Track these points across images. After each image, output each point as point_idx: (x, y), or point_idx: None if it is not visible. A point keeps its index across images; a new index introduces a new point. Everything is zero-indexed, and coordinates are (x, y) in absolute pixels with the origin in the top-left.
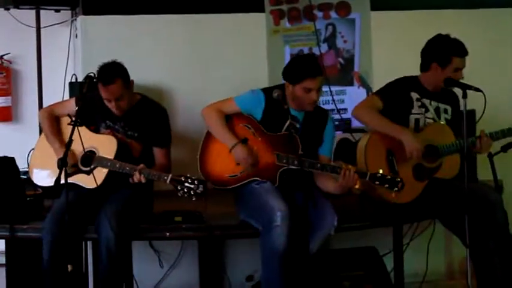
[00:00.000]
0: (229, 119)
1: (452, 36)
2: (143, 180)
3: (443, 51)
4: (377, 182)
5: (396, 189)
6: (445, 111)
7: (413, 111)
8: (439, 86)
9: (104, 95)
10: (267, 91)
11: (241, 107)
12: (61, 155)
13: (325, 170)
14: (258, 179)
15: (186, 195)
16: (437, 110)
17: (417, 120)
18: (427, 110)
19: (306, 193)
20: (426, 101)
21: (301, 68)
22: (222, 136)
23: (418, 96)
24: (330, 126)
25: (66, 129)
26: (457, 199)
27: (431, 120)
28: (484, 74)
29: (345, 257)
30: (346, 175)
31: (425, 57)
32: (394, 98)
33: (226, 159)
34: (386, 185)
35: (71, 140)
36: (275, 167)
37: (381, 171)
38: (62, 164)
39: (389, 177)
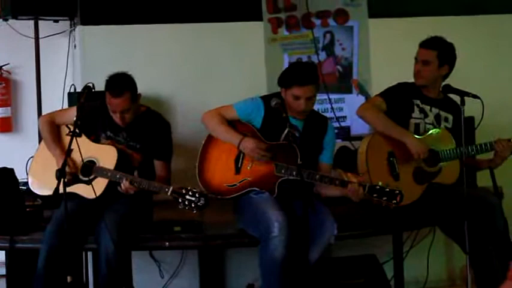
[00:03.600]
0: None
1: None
2: (127, 187)
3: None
4: (375, 195)
5: (395, 201)
6: (446, 119)
7: (413, 115)
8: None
9: (110, 106)
10: (266, 99)
11: (240, 114)
12: (62, 162)
13: (323, 182)
14: (256, 189)
15: (186, 207)
16: (437, 117)
17: (417, 125)
18: (426, 116)
19: (305, 200)
20: (426, 107)
21: (292, 74)
22: (226, 135)
23: (418, 102)
24: (330, 134)
25: (66, 138)
26: (456, 205)
27: (431, 126)
28: (483, 80)
29: (345, 265)
30: (352, 190)
31: None
32: (397, 101)
33: (225, 168)
34: (385, 198)
35: (69, 150)
36: (274, 177)
37: (380, 183)
38: (60, 174)
39: (387, 189)
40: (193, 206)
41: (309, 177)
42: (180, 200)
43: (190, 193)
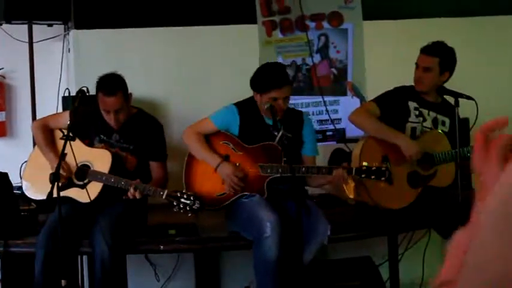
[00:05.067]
0: (208, 139)
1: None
2: (138, 196)
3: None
4: (363, 175)
5: (383, 178)
6: (443, 123)
7: (410, 119)
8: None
9: (103, 106)
10: (239, 105)
11: (217, 124)
12: (56, 165)
13: (310, 173)
14: (246, 193)
15: (181, 211)
16: (435, 121)
17: (414, 129)
18: (424, 120)
19: (298, 202)
20: (424, 111)
21: (267, 78)
22: (204, 157)
23: (416, 105)
24: (308, 126)
25: (60, 142)
26: (451, 208)
27: (428, 129)
28: (476, 82)
29: (340, 267)
30: (337, 175)
31: None
32: (391, 106)
33: (212, 179)
34: (373, 176)
35: (63, 155)
36: (261, 178)
37: (365, 163)
38: (54, 178)
39: (374, 168)
40: (188, 209)
41: (295, 172)
42: (175, 203)
43: (185, 196)
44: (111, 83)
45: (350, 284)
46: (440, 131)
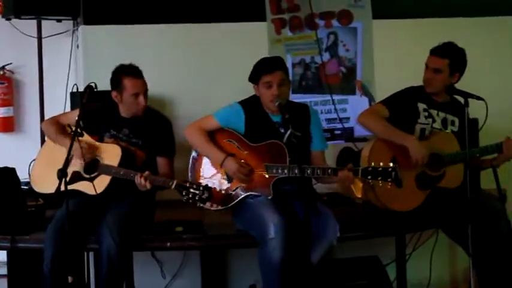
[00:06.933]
0: (212, 136)
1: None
2: (148, 186)
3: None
4: (369, 177)
5: (390, 179)
6: (452, 122)
7: (419, 121)
8: None
9: (133, 90)
10: (244, 103)
11: (221, 122)
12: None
13: (315, 174)
14: (252, 193)
15: (190, 200)
16: (444, 121)
17: (423, 130)
18: (434, 121)
19: (306, 202)
20: (433, 112)
21: (257, 66)
22: (208, 153)
23: (425, 106)
24: (314, 119)
25: (70, 137)
26: (460, 209)
27: (437, 130)
28: (488, 82)
29: (347, 267)
30: (343, 176)
31: None
32: (400, 107)
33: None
34: (380, 178)
35: (71, 150)
36: (267, 179)
37: (372, 163)
38: (62, 174)
39: (380, 168)
40: (197, 198)
41: (300, 172)
42: (184, 193)
43: (194, 186)
44: (136, 68)
45: (357, 283)
46: (450, 131)
